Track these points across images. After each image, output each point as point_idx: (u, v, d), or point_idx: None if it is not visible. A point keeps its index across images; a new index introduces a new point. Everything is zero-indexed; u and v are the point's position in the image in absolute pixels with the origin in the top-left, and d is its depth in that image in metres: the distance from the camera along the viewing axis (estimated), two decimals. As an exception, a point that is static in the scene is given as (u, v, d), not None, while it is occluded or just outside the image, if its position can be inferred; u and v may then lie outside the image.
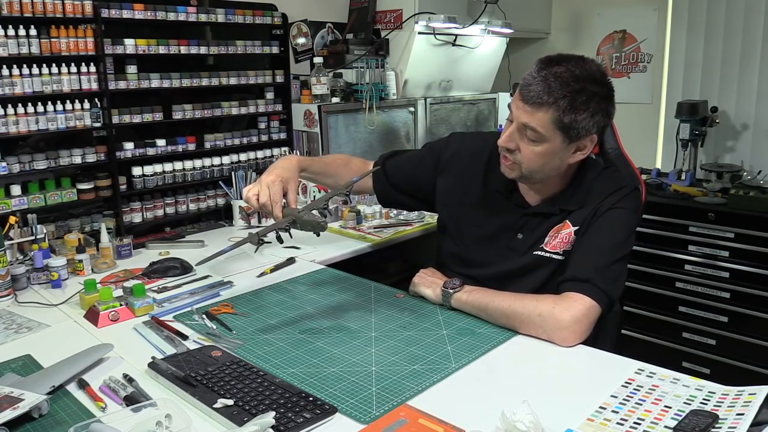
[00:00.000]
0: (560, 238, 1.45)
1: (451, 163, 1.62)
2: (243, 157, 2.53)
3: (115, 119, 2.16)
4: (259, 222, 2.40)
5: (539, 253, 1.46)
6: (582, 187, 1.46)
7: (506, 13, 3.06)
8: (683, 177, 2.92)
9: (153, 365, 1.22)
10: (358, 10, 2.89)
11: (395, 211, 2.46)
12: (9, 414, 1.02)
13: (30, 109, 1.96)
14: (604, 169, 1.51)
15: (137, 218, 2.28)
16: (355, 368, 1.23)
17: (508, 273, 1.48)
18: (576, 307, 1.30)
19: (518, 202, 1.51)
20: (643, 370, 1.20)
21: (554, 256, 1.45)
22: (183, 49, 2.29)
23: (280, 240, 1.43)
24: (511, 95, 1.82)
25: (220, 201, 2.49)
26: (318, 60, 2.62)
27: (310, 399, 1.09)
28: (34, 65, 1.96)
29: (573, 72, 1.31)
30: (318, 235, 1.41)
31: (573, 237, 1.44)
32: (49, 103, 2.00)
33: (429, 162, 1.66)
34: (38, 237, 1.85)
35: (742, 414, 1.00)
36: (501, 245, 1.51)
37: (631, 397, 1.10)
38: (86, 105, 2.07)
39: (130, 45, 2.16)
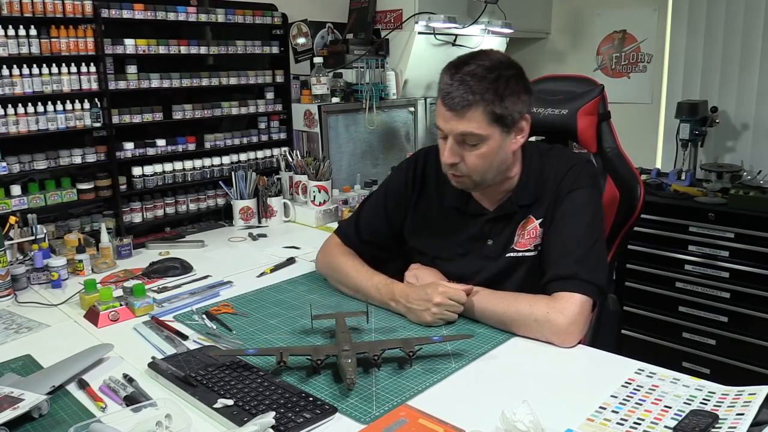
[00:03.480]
0: (528, 234, 1.44)
1: (413, 193, 1.59)
2: (243, 157, 2.54)
3: (115, 119, 2.16)
4: (259, 222, 2.40)
5: (511, 254, 1.46)
6: (533, 176, 1.45)
7: (506, 13, 3.06)
8: (683, 177, 2.92)
9: (153, 365, 1.22)
10: (358, 10, 2.89)
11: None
12: (9, 414, 1.02)
13: (30, 109, 1.96)
14: (548, 151, 1.49)
15: (137, 218, 2.28)
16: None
17: (487, 280, 1.46)
18: (569, 308, 1.29)
19: (477, 211, 1.49)
20: (643, 370, 1.20)
21: (527, 254, 1.45)
22: (183, 49, 2.29)
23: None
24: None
25: (220, 201, 2.49)
26: (318, 60, 2.62)
27: (310, 399, 1.09)
28: (34, 65, 1.96)
29: (484, 65, 1.31)
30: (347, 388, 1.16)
31: (540, 230, 1.43)
32: (49, 103, 2.00)
33: (395, 204, 1.61)
34: (38, 237, 1.85)
35: (742, 414, 1.00)
36: (475, 256, 1.50)
37: (631, 397, 1.10)
38: (86, 105, 2.07)
39: (130, 45, 2.16)
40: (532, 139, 1.91)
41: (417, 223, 1.59)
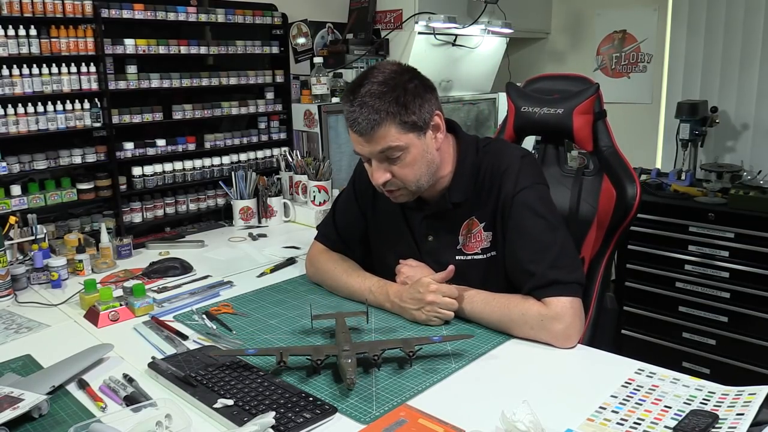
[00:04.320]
0: (473, 238, 1.45)
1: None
2: (243, 157, 2.54)
3: (115, 119, 2.16)
4: (259, 222, 2.40)
5: (462, 257, 1.46)
6: (466, 173, 1.44)
7: (506, 13, 3.06)
8: (683, 177, 2.92)
9: (153, 365, 1.22)
10: (358, 10, 2.89)
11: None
12: (9, 414, 1.02)
13: (30, 109, 1.96)
14: (485, 147, 1.48)
15: (137, 218, 2.28)
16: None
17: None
18: (562, 312, 1.28)
19: (415, 206, 1.50)
20: (643, 370, 1.20)
21: (476, 257, 1.45)
22: (183, 49, 2.29)
23: None
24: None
25: (220, 201, 2.49)
26: (318, 60, 2.62)
27: (310, 399, 1.09)
28: (34, 65, 1.96)
29: (377, 80, 1.31)
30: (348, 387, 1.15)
31: (485, 233, 1.44)
32: (49, 103, 2.00)
33: (362, 199, 1.64)
34: (38, 237, 1.85)
35: (742, 414, 1.00)
36: (419, 252, 1.51)
37: (631, 397, 1.10)
38: (86, 105, 2.07)
39: (130, 45, 2.16)
40: (535, 138, 1.92)
41: (375, 217, 1.61)
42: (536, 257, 1.34)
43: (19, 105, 1.94)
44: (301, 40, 2.75)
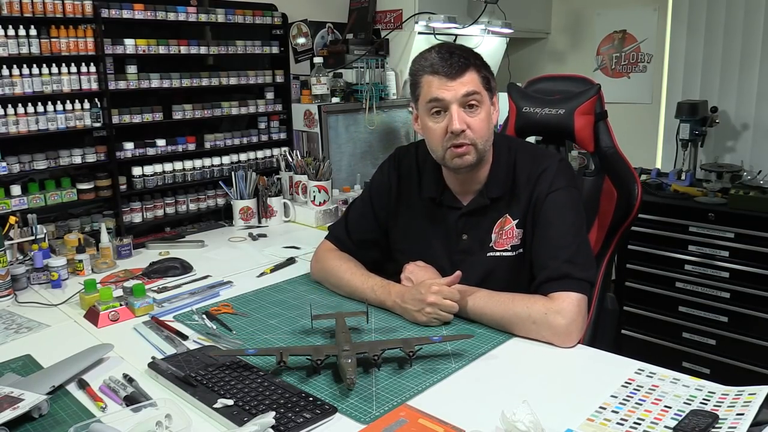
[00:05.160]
0: (505, 234, 1.46)
1: (394, 188, 1.61)
2: (243, 157, 2.54)
3: (115, 119, 2.16)
4: (259, 222, 2.40)
5: (492, 254, 1.47)
6: (502, 169, 1.47)
7: (506, 13, 3.06)
8: (683, 177, 2.92)
9: (153, 365, 1.22)
10: (358, 10, 2.89)
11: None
12: (9, 414, 1.02)
13: (30, 109, 1.96)
14: (517, 146, 1.51)
15: (137, 218, 2.28)
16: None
17: (471, 281, 1.44)
18: (567, 309, 1.29)
19: (452, 204, 1.51)
20: (643, 370, 1.20)
21: (504, 254, 1.46)
22: (183, 49, 2.29)
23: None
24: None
25: (220, 201, 2.49)
26: (318, 60, 2.62)
27: (310, 399, 1.09)
28: (34, 65, 1.96)
29: (456, 45, 1.45)
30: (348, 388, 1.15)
31: (517, 230, 1.45)
32: (49, 103, 2.00)
33: (379, 201, 1.63)
34: (38, 237, 1.85)
35: (742, 414, 1.00)
36: (451, 251, 1.51)
37: (631, 397, 1.10)
38: (86, 105, 2.07)
39: (130, 45, 2.16)
40: (536, 139, 1.92)
41: (398, 217, 1.60)
42: (555, 253, 1.37)
43: (19, 105, 1.94)
44: (301, 40, 2.75)
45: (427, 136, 1.45)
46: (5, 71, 1.91)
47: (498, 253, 1.47)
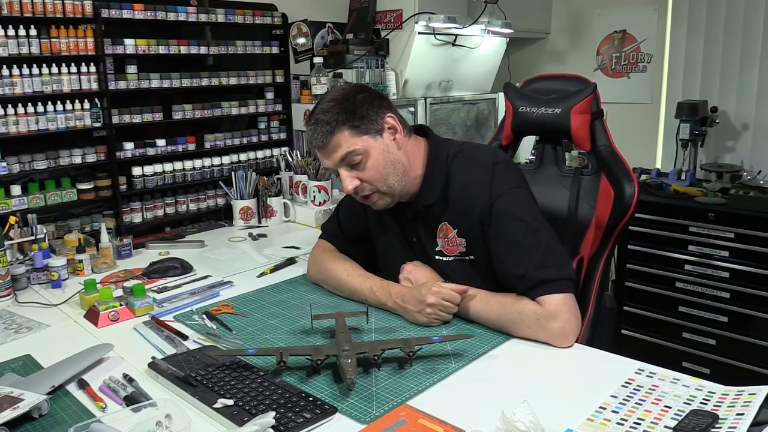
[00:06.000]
0: (450, 242, 1.48)
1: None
2: (243, 157, 2.54)
3: (115, 119, 2.16)
4: (259, 222, 2.40)
5: (442, 258, 1.49)
6: (435, 178, 1.47)
7: (506, 13, 3.06)
8: (683, 177, 2.92)
9: (153, 365, 1.22)
10: (358, 10, 2.89)
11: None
12: (9, 414, 1.02)
13: (30, 109, 1.96)
14: (457, 154, 1.48)
15: (137, 218, 2.28)
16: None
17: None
18: (557, 310, 1.28)
19: (399, 210, 1.53)
20: (643, 370, 1.20)
21: (456, 259, 1.48)
22: (183, 49, 2.29)
23: None
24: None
25: (220, 201, 2.49)
26: (318, 60, 2.62)
27: (310, 399, 1.09)
28: (34, 65, 1.96)
29: (327, 99, 1.41)
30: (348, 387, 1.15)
31: (459, 239, 1.46)
32: (49, 103, 2.00)
33: (358, 206, 1.62)
34: (38, 237, 1.85)
35: (742, 414, 1.00)
36: (411, 253, 1.55)
37: (631, 397, 1.10)
38: (86, 105, 2.07)
39: (130, 45, 2.16)
40: (531, 139, 1.91)
41: (373, 222, 1.63)
42: (522, 261, 1.34)
43: (19, 105, 1.94)
44: (301, 40, 2.75)
45: None
46: (5, 71, 1.91)
47: (450, 258, 1.48)
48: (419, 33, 2.83)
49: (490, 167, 1.42)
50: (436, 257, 1.50)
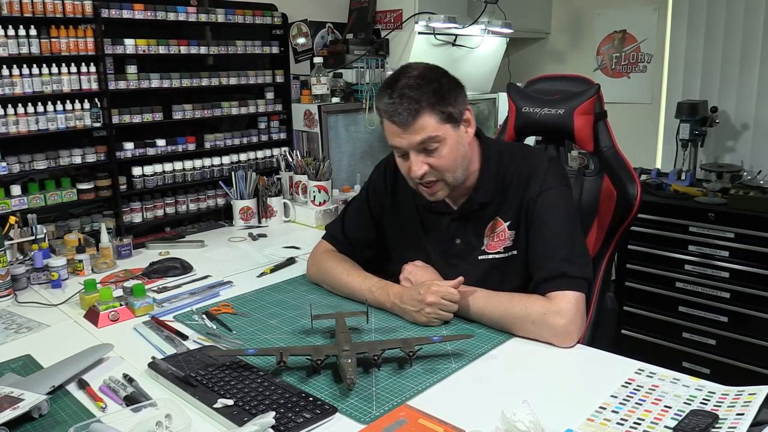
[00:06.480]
0: (497, 237, 1.46)
1: (389, 192, 1.60)
2: (243, 157, 2.54)
3: (115, 119, 2.16)
4: (259, 222, 2.40)
5: (483, 257, 1.47)
6: (491, 174, 1.47)
7: (506, 13, 3.06)
8: (683, 177, 2.92)
9: (153, 365, 1.22)
10: (358, 10, 2.89)
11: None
12: (9, 414, 1.02)
13: (30, 109, 1.96)
14: (509, 151, 1.50)
15: (137, 218, 2.28)
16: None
17: (465, 284, 1.43)
18: (565, 308, 1.29)
19: (442, 210, 1.51)
20: (643, 370, 1.20)
21: (497, 256, 1.46)
22: (183, 49, 2.29)
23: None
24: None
25: (220, 201, 2.49)
26: (318, 60, 2.62)
27: (310, 399, 1.09)
28: (34, 65, 1.96)
29: (413, 75, 1.35)
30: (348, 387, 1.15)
31: (509, 232, 1.45)
32: (49, 103, 2.00)
33: (376, 202, 1.63)
34: (38, 237, 1.85)
35: (742, 414, 1.00)
36: (446, 255, 1.52)
37: (631, 397, 1.10)
38: (86, 105, 2.07)
39: (130, 45, 2.16)
40: (535, 139, 1.92)
41: (393, 222, 1.61)
42: (550, 252, 1.37)
43: (19, 105, 1.94)
44: (301, 40, 2.75)
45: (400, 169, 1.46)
46: (5, 71, 1.91)
47: (490, 256, 1.47)
48: (419, 33, 2.83)
49: (547, 161, 1.46)
50: (479, 257, 1.48)
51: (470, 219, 1.49)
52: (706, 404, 1.06)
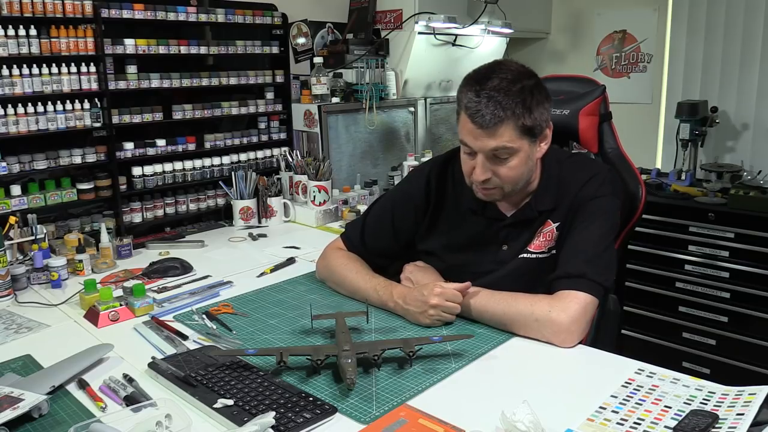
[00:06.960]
0: (544, 236, 1.45)
1: (429, 204, 1.57)
2: (243, 157, 2.54)
3: (115, 119, 2.16)
4: (259, 222, 2.40)
5: (525, 255, 1.46)
6: (552, 182, 1.45)
7: (506, 13, 3.06)
8: (683, 177, 2.92)
9: (153, 365, 1.22)
10: (358, 10, 2.89)
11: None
12: (9, 414, 1.02)
13: (30, 109, 1.96)
14: (568, 159, 1.50)
15: (137, 218, 2.28)
16: (355, 368, 1.23)
17: (498, 280, 1.44)
18: (572, 307, 1.29)
19: (494, 215, 1.48)
20: (643, 370, 1.20)
21: (540, 256, 1.45)
22: (183, 49, 2.29)
23: None
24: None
25: (220, 201, 2.49)
26: (318, 60, 2.62)
27: (310, 399, 1.09)
28: (34, 65, 1.96)
29: (506, 78, 1.29)
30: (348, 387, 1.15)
31: (555, 233, 1.44)
32: (49, 103, 2.00)
33: (404, 213, 1.59)
34: (38, 237, 1.85)
35: (742, 414, 1.00)
36: (488, 260, 1.49)
37: (631, 397, 1.10)
38: (86, 105, 2.07)
39: (130, 45, 2.16)
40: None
41: (431, 229, 1.57)
42: (577, 252, 1.36)
43: (19, 105, 1.94)
44: (301, 40, 2.75)
45: (461, 161, 1.42)
46: (5, 71, 1.91)
47: (534, 255, 1.45)
48: (419, 33, 2.83)
49: (606, 170, 1.47)
50: (521, 255, 1.46)
51: (524, 226, 1.46)
52: (706, 404, 1.06)
